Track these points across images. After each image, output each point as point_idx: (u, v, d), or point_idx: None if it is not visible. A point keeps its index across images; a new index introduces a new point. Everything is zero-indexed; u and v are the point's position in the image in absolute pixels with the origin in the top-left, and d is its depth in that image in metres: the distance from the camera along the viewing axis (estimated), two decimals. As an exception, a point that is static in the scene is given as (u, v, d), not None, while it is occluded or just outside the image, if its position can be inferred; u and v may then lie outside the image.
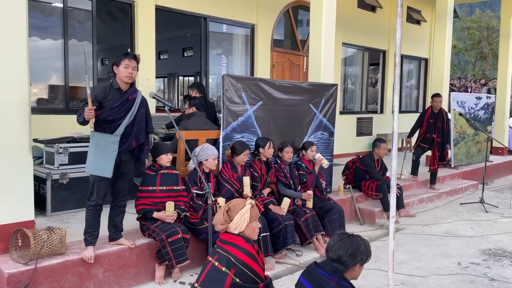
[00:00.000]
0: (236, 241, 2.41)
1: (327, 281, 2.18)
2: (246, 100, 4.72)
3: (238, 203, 2.48)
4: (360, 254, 2.20)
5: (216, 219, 2.48)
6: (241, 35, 8.32)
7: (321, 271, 2.24)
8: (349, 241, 2.22)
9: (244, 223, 2.44)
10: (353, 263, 2.20)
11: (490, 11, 29.74)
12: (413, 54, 12.26)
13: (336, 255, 2.20)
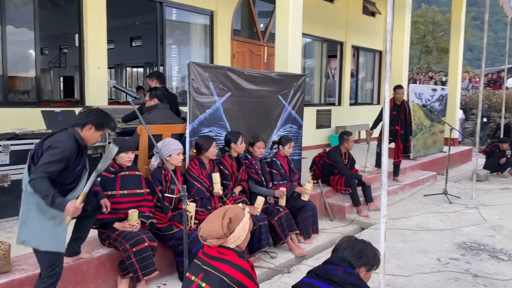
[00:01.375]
0: (228, 256, 2.01)
1: (333, 272, 2.14)
2: (214, 91, 4.33)
3: (238, 212, 2.07)
4: (366, 257, 2.18)
5: (209, 232, 2.02)
6: (200, 24, 7.85)
7: (327, 266, 2.21)
8: (356, 243, 2.23)
9: (243, 235, 2.06)
10: (359, 264, 2.16)
11: (435, 6, 31.00)
12: (368, 46, 12.33)
13: (342, 254, 2.19)
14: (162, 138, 4.03)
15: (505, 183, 8.14)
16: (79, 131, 2.79)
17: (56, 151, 2.62)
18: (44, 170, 2.56)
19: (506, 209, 6.10)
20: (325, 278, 2.14)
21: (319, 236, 4.84)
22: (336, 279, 2.10)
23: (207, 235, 2.01)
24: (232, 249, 2.05)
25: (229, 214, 2.03)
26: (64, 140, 2.68)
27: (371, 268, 2.19)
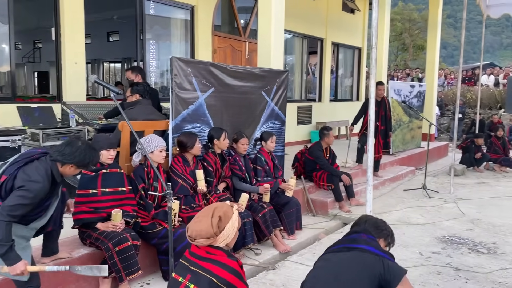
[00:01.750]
0: (217, 256, 1.97)
1: (357, 237, 2.22)
2: (197, 87, 4.26)
3: (227, 210, 2.03)
4: (385, 231, 2.30)
5: (198, 232, 1.95)
6: (180, 19, 7.73)
7: (351, 235, 2.28)
8: (376, 218, 2.39)
9: (233, 233, 2.02)
10: (379, 236, 2.26)
11: (411, 4, 31.50)
12: (348, 43, 12.42)
13: (362, 227, 2.30)
14: (144, 134, 3.96)
15: (481, 177, 8.34)
16: (58, 166, 2.58)
17: (28, 194, 2.40)
18: (9, 213, 2.34)
19: (483, 203, 6.24)
20: (350, 241, 2.22)
21: (302, 232, 4.85)
22: (360, 243, 2.17)
23: (196, 234, 1.96)
24: (221, 248, 2.01)
25: (218, 212, 1.98)
26: (39, 179, 2.45)
27: (388, 244, 2.31)
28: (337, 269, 2.11)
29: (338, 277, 2.07)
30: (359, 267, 2.05)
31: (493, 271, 3.81)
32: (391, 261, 2.11)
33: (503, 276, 3.72)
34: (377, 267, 2.03)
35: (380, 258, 2.07)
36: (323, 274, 2.15)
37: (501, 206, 6.08)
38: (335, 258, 2.18)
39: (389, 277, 2.01)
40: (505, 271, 3.82)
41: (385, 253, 2.15)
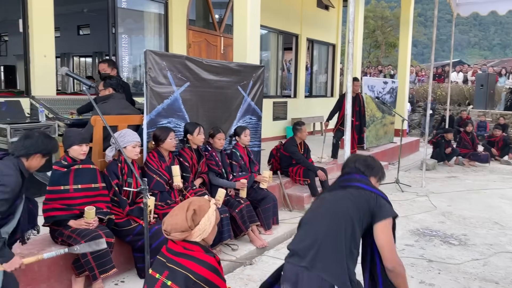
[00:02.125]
0: (194, 252, 1.93)
1: (350, 178, 2.22)
2: (172, 81, 4.18)
3: (203, 204, 1.99)
4: (376, 168, 2.29)
5: (173, 226, 1.92)
6: (154, 13, 7.58)
7: (343, 177, 2.28)
8: (365, 156, 2.36)
9: (209, 228, 1.98)
10: (370, 174, 2.26)
11: (384, 2, 32.02)
12: (323, 40, 12.51)
13: (352, 167, 2.28)
14: (118, 129, 3.85)
15: (451, 171, 8.58)
16: (23, 162, 2.57)
17: (6, 188, 2.39)
18: None
19: (453, 196, 6.42)
20: (344, 181, 2.22)
21: (279, 227, 4.85)
22: (354, 181, 2.18)
23: (171, 228, 1.92)
24: (198, 243, 1.98)
25: (193, 205, 1.95)
26: (12, 173, 2.46)
27: (379, 179, 2.30)
28: (332, 204, 2.13)
29: (333, 210, 2.09)
30: (353, 201, 2.07)
31: (464, 262, 3.92)
32: (385, 199, 2.11)
33: (474, 267, 3.83)
34: (371, 202, 2.05)
35: (374, 195, 2.09)
36: (318, 210, 2.17)
37: (470, 199, 6.26)
38: (330, 196, 2.20)
39: (376, 213, 2.04)
40: (475, 262, 3.94)
41: (379, 191, 2.15)
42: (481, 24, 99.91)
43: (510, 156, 9.72)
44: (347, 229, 1.99)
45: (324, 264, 1.95)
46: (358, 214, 2.02)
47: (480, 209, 5.70)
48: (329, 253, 1.96)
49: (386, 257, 1.94)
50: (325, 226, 2.03)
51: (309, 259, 1.97)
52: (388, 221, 2.01)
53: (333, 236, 1.99)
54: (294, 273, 2.01)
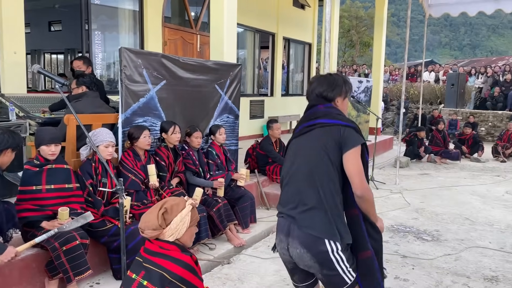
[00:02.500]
0: (170, 251, 1.93)
1: (315, 110, 2.14)
2: (148, 79, 4.13)
3: (176, 203, 1.98)
4: (338, 86, 2.15)
5: (145, 223, 1.94)
6: (128, 9, 7.46)
7: (308, 111, 2.19)
8: (323, 78, 2.21)
9: (183, 229, 1.97)
10: (333, 96, 2.14)
11: (358, 2, 32.48)
12: (299, 38, 12.58)
13: (315, 93, 2.17)
14: (92, 128, 3.78)
15: (423, 168, 8.79)
16: None
17: None
18: None
19: (426, 193, 6.58)
20: (308, 119, 2.14)
21: (257, 225, 4.86)
22: (319, 114, 2.10)
23: (144, 226, 1.94)
24: (174, 243, 1.97)
25: (166, 205, 1.96)
26: None
27: (346, 95, 2.18)
28: (302, 152, 2.08)
29: (304, 158, 2.05)
30: (320, 141, 2.02)
31: (437, 257, 4.02)
32: (350, 127, 2.02)
33: (446, 262, 3.93)
34: (335, 136, 1.99)
35: (338, 126, 2.01)
36: (290, 162, 2.12)
37: (442, 195, 6.43)
38: (296, 144, 2.15)
39: (342, 144, 1.98)
40: (447, 257, 4.05)
41: (344, 121, 2.04)
42: (451, 25, 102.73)
43: (479, 153, 10.04)
44: (324, 173, 1.97)
45: (309, 217, 1.96)
46: (328, 153, 1.98)
47: (451, 205, 5.86)
48: (311, 205, 1.97)
49: (355, 184, 1.92)
50: (303, 176, 2.01)
51: (295, 212, 2.00)
52: (356, 149, 1.96)
53: (312, 185, 1.98)
54: (286, 225, 2.04)
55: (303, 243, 1.94)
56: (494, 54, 72.01)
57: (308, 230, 1.94)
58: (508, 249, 4.27)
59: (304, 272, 2.10)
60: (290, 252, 2.01)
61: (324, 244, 1.92)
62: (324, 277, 2.00)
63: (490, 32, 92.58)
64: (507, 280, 3.57)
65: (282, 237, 2.03)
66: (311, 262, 1.95)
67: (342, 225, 1.96)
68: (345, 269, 1.97)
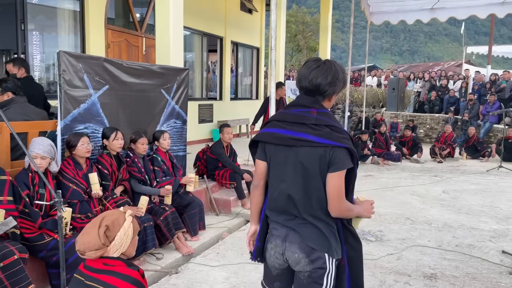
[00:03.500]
0: (115, 267, 1.83)
1: (307, 115, 1.92)
2: (89, 84, 3.95)
3: (116, 218, 1.89)
4: (339, 82, 1.95)
5: (85, 245, 1.81)
6: (68, 9, 7.12)
7: (297, 110, 1.95)
8: (326, 68, 1.93)
9: (127, 242, 1.89)
10: (332, 92, 1.95)
11: (304, 7, 33.24)
12: (247, 43, 12.64)
13: (313, 84, 1.91)
14: (28, 136, 3.56)
15: (367, 170, 9.11)
16: None
17: None
18: None
19: (370, 194, 6.81)
20: (297, 123, 1.92)
21: (206, 232, 4.80)
22: (310, 122, 1.90)
23: (85, 248, 1.82)
24: (119, 258, 1.89)
25: (106, 221, 1.86)
26: None
27: (339, 91, 2.01)
28: (293, 169, 1.93)
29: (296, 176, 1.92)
30: (311, 163, 1.88)
31: (380, 257, 4.17)
32: (342, 148, 1.87)
33: (389, 261, 4.09)
34: (324, 156, 1.87)
35: (329, 147, 1.86)
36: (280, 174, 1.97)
37: (385, 196, 6.70)
38: (284, 157, 1.95)
39: (330, 164, 1.87)
40: (390, 256, 4.21)
41: (336, 140, 1.87)
42: (392, 31, 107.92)
43: (419, 155, 10.57)
44: (318, 192, 1.91)
45: (308, 231, 1.93)
46: (321, 175, 1.89)
47: (394, 206, 6.11)
48: (308, 219, 1.93)
49: (333, 206, 1.87)
50: (297, 191, 1.93)
51: (292, 223, 1.95)
52: (341, 172, 1.87)
53: (307, 202, 1.92)
54: (284, 231, 1.98)
55: (302, 248, 1.93)
56: (431, 59, 76.51)
57: (307, 242, 1.92)
58: (445, 247, 4.51)
59: (287, 280, 2.07)
60: (285, 256, 1.98)
61: (322, 256, 1.92)
62: (308, 279, 1.97)
63: (427, 39, 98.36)
64: (445, 277, 3.77)
65: (278, 242, 1.99)
66: (307, 267, 1.93)
67: (335, 241, 1.95)
68: (329, 285, 1.95)
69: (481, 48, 21.25)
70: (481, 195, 6.92)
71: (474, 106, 13.19)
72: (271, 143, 2.00)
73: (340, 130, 1.92)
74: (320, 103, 1.96)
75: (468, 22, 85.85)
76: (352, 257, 2.00)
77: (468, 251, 4.38)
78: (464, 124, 12.93)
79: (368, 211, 2.03)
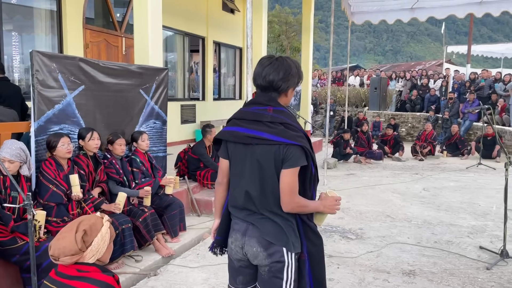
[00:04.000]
0: (90, 273, 1.79)
1: (263, 113, 1.95)
2: (64, 84, 3.87)
3: (94, 223, 1.84)
4: (292, 77, 1.98)
5: (60, 250, 1.76)
6: (45, 9, 6.98)
7: (254, 108, 1.99)
8: (278, 64, 1.97)
9: (104, 248, 1.85)
10: (286, 88, 1.98)
11: (288, 8, 33.34)
12: (229, 43, 12.60)
13: (267, 81, 1.96)
14: (0, 138, 3.47)
15: (350, 169, 9.17)
16: None
17: None
18: None
19: (352, 192, 6.86)
20: (254, 121, 1.95)
21: (186, 233, 4.76)
22: (266, 120, 1.93)
23: (59, 253, 1.77)
24: (93, 264, 1.85)
25: (83, 226, 1.81)
26: None
27: (296, 85, 2.05)
28: (250, 168, 1.96)
29: (253, 173, 1.95)
30: (267, 161, 1.91)
31: (360, 255, 4.19)
32: (296, 146, 1.89)
33: (369, 259, 4.11)
34: (279, 153, 1.90)
35: (282, 145, 1.89)
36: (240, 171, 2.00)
37: (366, 194, 6.75)
38: (243, 153, 1.98)
39: (284, 161, 1.89)
40: (370, 254, 4.23)
41: (290, 138, 1.89)
42: (375, 32, 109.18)
43: (400, 153, 10.69)
44: (272, 186, 1.94)
45: (267, 225, 1.96)
46: (276, 172, 1.92)
47: (374, 204, 6.16)
48: (266, 215, 1.96)
49: (284, 201, 1.90)
50: (255, 188, 1.96)
51: (251, 218, 1.98)
52: (294, 169, 1.90)
53: (265, 198, 1.95)
54: (244, 225, 2.01)
55: (260, 242, 1.95)
56: (414, 59, 77.65)
57: (265, 236, 1.95)
58: (424, 243, 4.56)
59: (249, 275, 2.09)
60: (244, 250, 2.00)
61: (280, 250, 1.95)
62: (268, 274, 1.98)
63: (409, 39, 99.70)
64: (423, 273, 3.81)
65: (238, 236, 2.02)
66: (265, 261, 1.96)
67: (294, 236, 1.97)
68: (290, 279, 1.96)
69: (461, 47, 21.62)
70: (460, 192, 7.02)
71: (454, 105, 13.40)
72: (231, 141, 2.04)
73: (295, 128, 1.95)
74: (276, 101, 2.00)
75: (449, 22, 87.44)
76: (313, 252, 2.03)
77: (447, 247, 4.44)
78: (445, 123, 13.13)
79: (330, 207, 2.04)
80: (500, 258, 4.05)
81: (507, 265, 3.96)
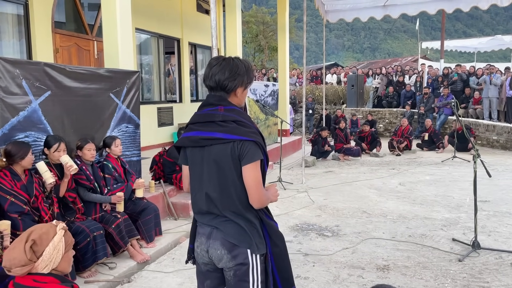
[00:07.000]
0: (47, 284, 1.74)
1: (215, 113, 1.97)
2: (28, 90, 3.78)
3: (45, 232, 1.79)
4: (239, 76, 1.99)
5: (10, 261, 1.72)
6: (11, 14, 6.82)
7: (206, 110, 2.01)
8: (225, 64, 1.98)
9: (58, 257, 1.80)
10: (234, 87, 1.99)
11: (264, 7, 33.38)
12: (205, 44, 12.55)
13: (214, 80, 1.98)
14: (-39, 148, 3.36)
15: (328, 166, 9.23)
16: None
17: None
18: None
19: (329, 189, 6.90)
20: (206, 122, 1.97)
21: (162, 237, 4.70)
22: (218, 119, 1.94)
23: (10, 264, 1.72)
24: (50, 274, 1.80)
25: (33, 235, 1.77)
26: None
27: (247, 86, 2.06)
28: (208, 169, 1.97)
29: (212, 175, 1.96)
30: (223, 161, 1.92)
31: (336, 252, 4.21)
32: (249, 142, 1.91)
33: (344, 255, 4.13)
34: (234, 151, 1.91)
35: (236, 142, 1.90)
36: (198, 174, 2.01)
37: (343, 191, 6.80)
38: (200, 157, 1.99)
39: (241, 158, 1.91)
40: (345, 250, 4.26)
41: (242, 135, 1.91)
42: (353, 29, 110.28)
43: (377, 149, 10.81)
44: (235, 189, 1.94)
45: (230, 227, 1.96)
46: (234, 170, 1.93)
47: (351, 200, 6.21)
48: (229, 217, 1.96)
49: (253, 197, 1.91)
50: (215, 190, 1.96)
51: (214, 222, 1.98)
52: (254, 163, 1.90)
53: (226, 200, 1.95)
54: (208, 230, 2.01)
55: (224, 245, 1.96)
56: (391, 55, 78.67)
57: (228, 238, 1.96)
58: (399, 238, 4.62)
59: (217, 279, 2.08)
60: (209, 254, 2.00)
61: (243, 251, 1.95)
62: (234, 278, 1.99)
63: (386, 36, 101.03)
64: (397, 267, 3.85)
65: (203, 239, 2.01)
66: (230, 263, 1.96)
67: (258, 237, 1.98)
68: (256, 280, 1.97)
69: (435, 43, 21.97)
70: (435, 185, 7.14)
71: (429, 100, 13.63)
72: (189, 147, 2.05)
73: (247, 125, 1.97)
74: (226, 100, 2.01)
75: (424, 19, 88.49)
76: (276, 251, 2.04)
77: (420, 241, 4.50)
78: (421, 117, 13.35)
79: (275, 195, 2.12)
80: (472, 250, 4.12)
81: (478, 256, 4.04)
